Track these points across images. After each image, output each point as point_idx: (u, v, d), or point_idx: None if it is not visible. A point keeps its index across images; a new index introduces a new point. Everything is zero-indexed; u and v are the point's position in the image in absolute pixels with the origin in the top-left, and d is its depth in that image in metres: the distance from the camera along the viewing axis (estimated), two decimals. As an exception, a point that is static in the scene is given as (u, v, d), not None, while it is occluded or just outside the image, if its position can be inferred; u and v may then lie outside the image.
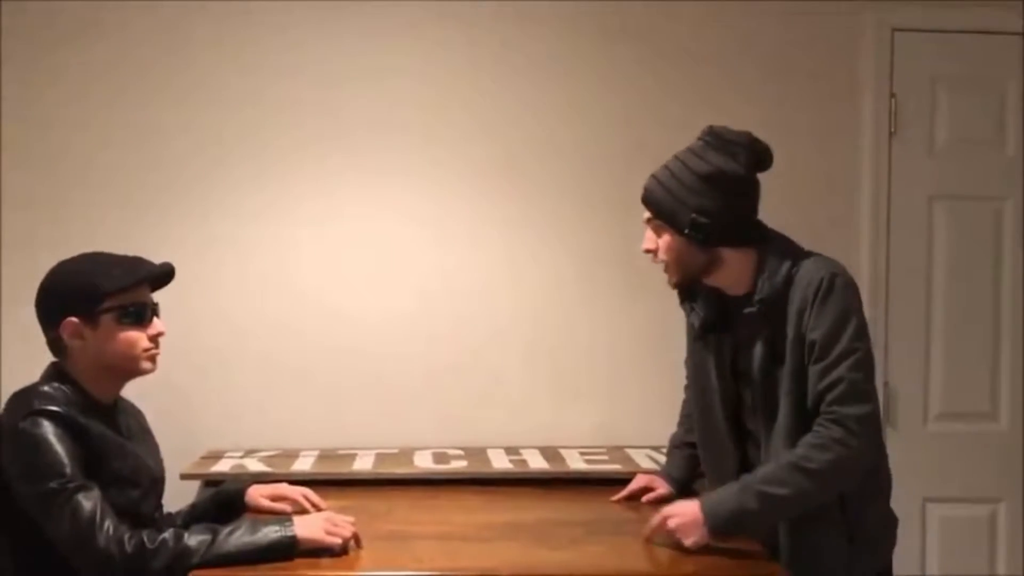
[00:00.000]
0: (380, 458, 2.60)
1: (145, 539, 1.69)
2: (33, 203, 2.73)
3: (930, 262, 2.87)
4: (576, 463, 2.56)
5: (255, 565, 1.71)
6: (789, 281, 1.84)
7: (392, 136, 2.80)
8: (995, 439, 2.89)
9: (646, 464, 2.55)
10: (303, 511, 2.06)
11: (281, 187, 2.79)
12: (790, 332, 1.83)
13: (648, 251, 1.96)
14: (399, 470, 2.48)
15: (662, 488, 2.25)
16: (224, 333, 2.78)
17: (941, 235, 2.89)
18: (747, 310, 1.89)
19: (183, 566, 1.69)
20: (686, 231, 1.86)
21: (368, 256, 2.81)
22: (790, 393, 1.83)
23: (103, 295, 1.83)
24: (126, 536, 1.68)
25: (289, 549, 1.75)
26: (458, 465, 2.53)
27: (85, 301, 1.82)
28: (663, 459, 2.60)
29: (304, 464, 2.52)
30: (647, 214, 1.94)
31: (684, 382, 2.48)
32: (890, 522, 1.97)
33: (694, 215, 1.84)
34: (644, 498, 2.24)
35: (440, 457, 2.61)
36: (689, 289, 2.02)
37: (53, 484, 1.70)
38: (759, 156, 1.90)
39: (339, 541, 1.79)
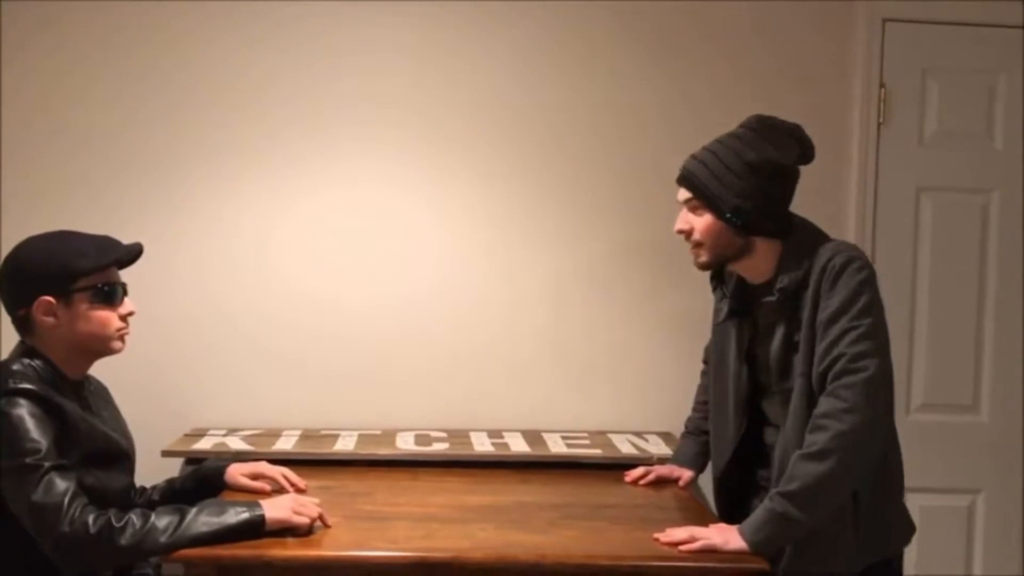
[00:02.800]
0: (362, 439, 2.61)
1: (112, 518, 1.69)
2: (28, 186, 2.73)
3: (915, 252, 2.88)
4: (558, 447, 2.57)
5: (223, 545, 1.73)
6: (808, 269, 1.85)
7: (387, 121, 2.79)
8: (976, 430, 2.91)
9: (627, 449, 2.57)
10: (282, 490, 2.08)
11: (266, 169, 2.78)
12: (804, 316, 1.84)
13: (681, 232, 1.97)
14: (381, 451, 2.50)
15: (686, 474, 2.27)
16: (210, 314, 2.78)
17: (927, 226, 2.89)
18: (766, 299, 1.91)
19: (150, 545, 1.69)
20: (728, 215, 1.88)
21: (356, 240, 2.81)
22: (802, 375, 1.85)
23: (77, 274, 1.83)
24: (91, 518, 1.68)
25: (257, 529, 1.76)
26: (440, 448, 2.54)
27: (59, 280, 1.82)
28: (644, 444, 2.62)
29: (286, 443, 2.54)
30: (684, 195, 1.95)
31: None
32: (903, 520, 1.96)
33: (738, 200, 1.86)
34: (680, 483, 2.25)
35: (422, 439, 2.62)
36: (720, 274, 2.05)
37: (28, 460, 1.70)
38: (806, 149, 1.93)
39: (307, 521, 1.81)
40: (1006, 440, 2.91)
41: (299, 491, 2.09)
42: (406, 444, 2.57)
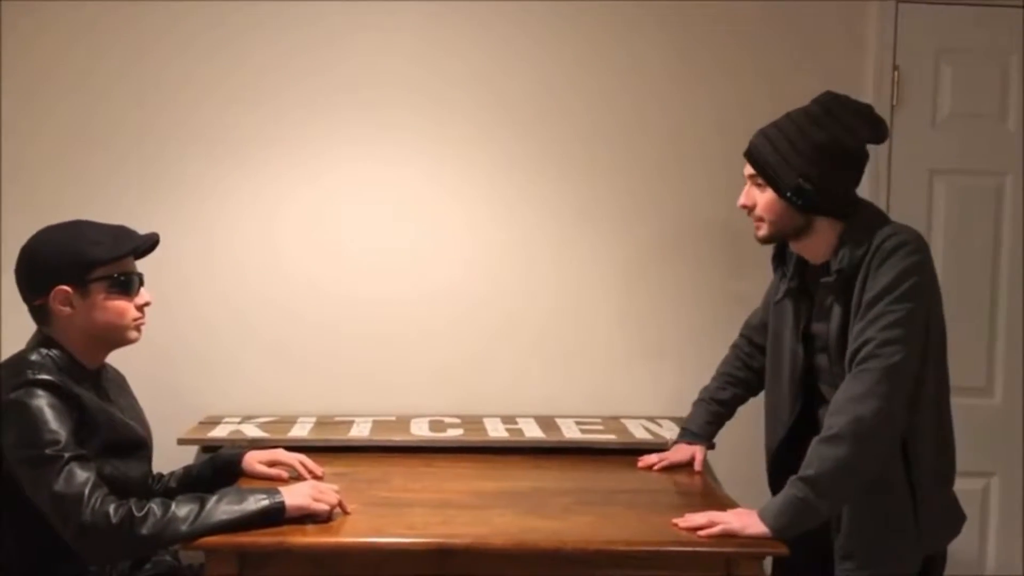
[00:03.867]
0: (377, 425, 2.62)
1: (133, 508, 1.70)
2: (30, 180, 2.72)
3: (929, 235, 2.86)
4: (571, 432, 2.58)
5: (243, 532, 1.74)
6: (866, 251, 1.84)
7: (404, 105, 2.78)
8: (989, 413, 2.90)
9: (640, 434, 2.57)
10: (299, 477, 2.09)
11: (276, 156, 2.77)
12: (854, 299, 1.84)
13: (744, 207, 1.98)
14: (395, 437, 2.50)
15: (698, 454, 2.28)
16: (224, 302, 2.78)
17: (941, 208, 2.88)
18: (824, 279, 1.91)
19: (171, 534, 1.70)
20: (788, 194, 1.87)
21: (371, 228, 2.81)
22: (848, 354, 1.84)
23: (94, 264, 1.84)
24: (112, 507, 1.69)
25: (277, 516, 1.77)
26: (454, 433, 2.54)
27: (76, 269, 1.83)
28: (658, 430, 2.63)
29: (301, 430, 2.54)
30: (749, 170, 1.95)
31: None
32: (954, 511, 1.98)
33: (800, 180, 1.86)
34: (696, 466, 2.26)
35: (437, 425, 2.63)
36: (782, 254, 2.06)
37: (48, 451, 1.71)
38: (878, 131, 1.91)
39: (327, 508, 1.82)
40: (1019, 423, 2.91)
41: (316, 478, 2.10)
42: (420, 430, 2.57)
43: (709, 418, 2.29)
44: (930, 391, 1.87)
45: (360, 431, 2.55)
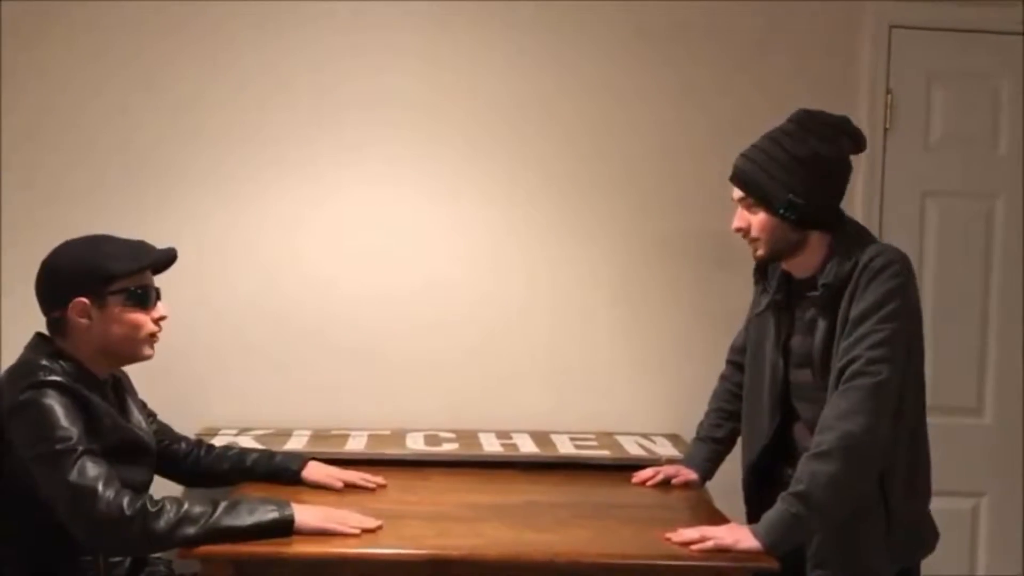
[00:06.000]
0: (373, 439, 2.63)
1: (147, 503, 1.73)
2: (33, 187, 2.74)
3: (921, 257, 2.90)
4: (566, 448, 2.59)
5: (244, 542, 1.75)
6: (853, 267, 1.87)
7: (405, 119, 2.80)
8: (980, 433, 2.93)
9: (634, 451, 2.58)
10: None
11: (271, 172, 2.79)
12: (840, 315, 1.87)
13: (739, 230, 2.00)
14: (391, 451, 2.52)
15: (691, 474, 2.29)
16: (220, 314, 2.80)
17: (933, 230, 2.92)
18: (811, 293, 1.93)
19: (182, 533, 1.72)
20: (781, 211, 1.90)
21: (365, 238, 2.82)
22: (833, 370, 1.87)
23: (111, 277, 1.87)
24: (125, 500, 1.71)
25: (286, 530, 1.79)
26: (449, 448, 2.56)
27: (95, 282, 1.86)
28: (652, 446, 2.64)
29: (297, 443, 2.55)
30: (738, 193, 1.98)
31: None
32: (930, 526, 1.99)
33: (790, 196, 1.89)
34: (674, 481, 2.28)
35: (432, 439, 2.64)
36: (763, 267, 2.09)
37: (60, 447, 1.73)
38: (856, 140, 1.95)
39: (336, 528, 1.82)
40: (1010, 443, 2.93)
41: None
42: (416, 444, 2.58)
43: (708, 455, 2.32)
44: (907, 410, 1.89)
45: (356, 444, 2.56)
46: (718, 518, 2.02)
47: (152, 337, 1.95)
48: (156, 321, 1.95)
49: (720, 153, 2.16)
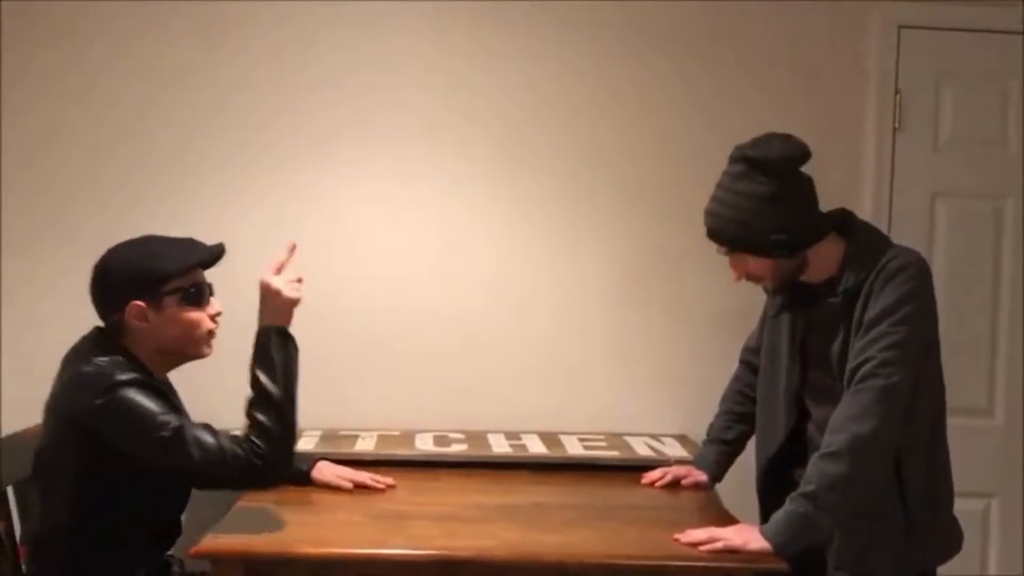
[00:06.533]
0: (382, 440, 2.64)
1: (254, 441, 1.83)
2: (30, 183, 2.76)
3: (930, 257, 2.86)
4: (575, 449, 2.59)
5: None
6: (870, 271, 1.87)
7: (413, 123, 2.83)
8: (990, 434, 2.92)
9: (643, 451, 2.59)
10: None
11: (283, 171, 2.82)
12: (856, 316, 1.87)
13: (739, 279, 2.00)
14: (400, 452, 2.52)
15: (700, 476, 2.29)
16: (228, 317, 2.80)
17: (942, 230, 2.91)
18: (831, 299, 1.93)
19: (286, 422, 1.87)
20: (774, 253, 1.90)
21: (377, 240, 2.84)
22: (847, 371, 1.87)
23: (165, 277, 1.87)
24: (241, 451, 1.80)
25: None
26: (458, 448, 2.56)
27: (148, 284, 1.87)
28: (660, 447, 2.64)
29: (307, 444, 2.55)
30: (723, 249, 1.97)
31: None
32: (954, 530, 2.00)
33: (772, 236, 1.88)
34: (684, 482, 2.29)
35: (441, 440, 2.65)
36: None
37: (164, 433, 1.75)
38: (799, 151, 1.91)
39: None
40: (1020, 444, 2.92)
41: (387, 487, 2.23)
42: (425, 445, 2.59)
43: (718, 457, 2.32)
44: (924, 414, 1.89)
45: (365, 445, 2.57)
46: (727, 519, 2.02)
47: (210, 334, 1.96)
48: (212, 317, 1.95)
49: (725, 153, 2.16)
